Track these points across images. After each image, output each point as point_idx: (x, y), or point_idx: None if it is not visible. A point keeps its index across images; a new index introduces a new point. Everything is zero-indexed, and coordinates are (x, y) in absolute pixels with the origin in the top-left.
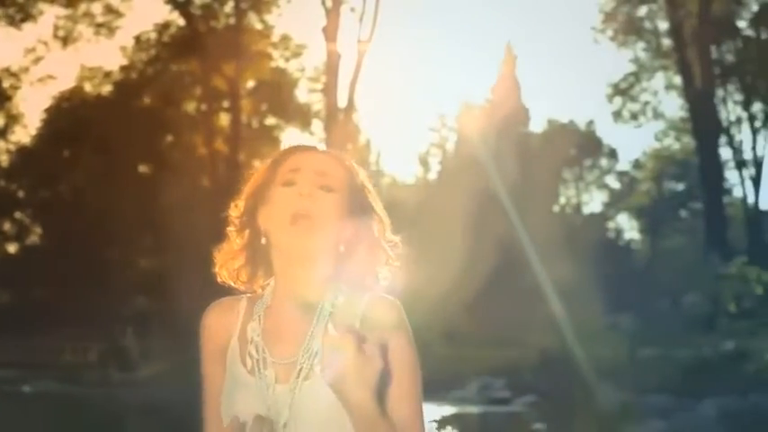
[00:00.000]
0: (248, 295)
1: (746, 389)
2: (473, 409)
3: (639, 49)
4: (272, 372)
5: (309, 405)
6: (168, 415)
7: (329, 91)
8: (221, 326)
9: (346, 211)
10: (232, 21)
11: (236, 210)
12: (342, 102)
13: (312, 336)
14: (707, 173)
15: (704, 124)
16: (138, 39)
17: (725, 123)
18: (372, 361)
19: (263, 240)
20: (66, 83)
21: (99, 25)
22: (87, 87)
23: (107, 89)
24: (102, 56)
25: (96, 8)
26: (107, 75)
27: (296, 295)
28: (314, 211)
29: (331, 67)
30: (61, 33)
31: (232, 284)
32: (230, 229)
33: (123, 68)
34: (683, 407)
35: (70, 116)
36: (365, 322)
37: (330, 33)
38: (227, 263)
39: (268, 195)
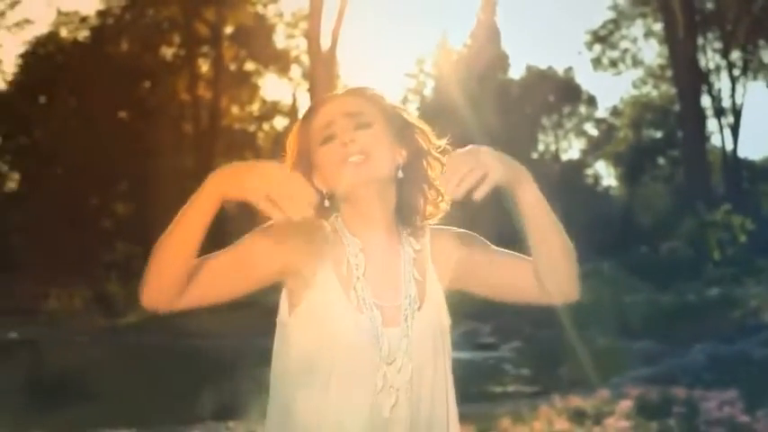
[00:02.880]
0: (325, 223)
1: (733, 335)
2: (460, 355)
3: None
4: (378, 313)
5: (420, 345)
6: (156, 361)
7: (312, 37)
8: (305, 238)
9: (390, 138)
10: None
11: None
12: (324, 47)
13: (406, 281)
14: (688, 121)
15: (685, 72)
16: None
17: (704, 71)
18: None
19: (327, 203)
20: (42, 28)
21: None
22: (63, 33)
23: (83, 34)
24: (79, 1)
25: None
26: (83, 20)
27: (375, 238)
28: (363, 151)
29: (314, 13)
30: None
31: None
32: None
33: (100, 13)
34: (670, 352)
35: (46, 62)
36: (434, 255)
37: None
38: None
39: (314, 160)
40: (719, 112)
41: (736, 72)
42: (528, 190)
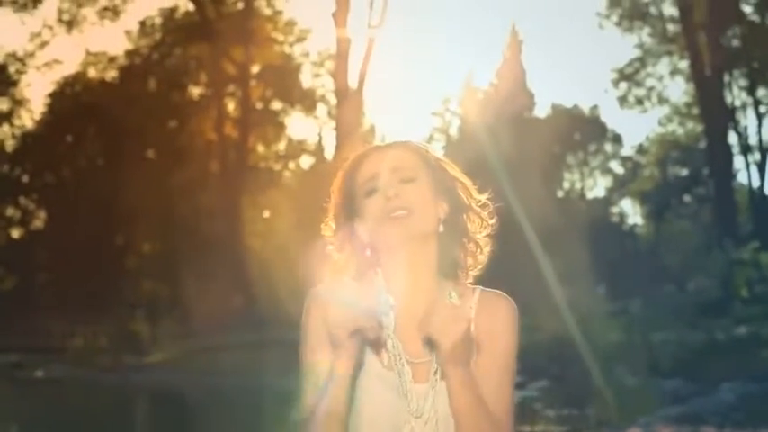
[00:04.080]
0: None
1: (762, 374)
2: None
3: (645, 34)
4: (408, 369)
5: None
6: (181, 398)
7: (339, 76)
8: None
9: (434, 193)
10: (240, 6)
11: (328, 230)
12: (350, 87)
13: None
14: (716, 158)
15: (713, 110)
16: (143, 23)
17: (730, 109)
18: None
19: (368, 252)
20: (71, 68)
21: (104, 9)
22: (91, 72)
23: (111, 74)
24: (107, 41)
25: None
26: (111, 60)
27: (413, 292)
28: (406, 206)
29: (341, 53)
30: (66, 17)
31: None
32: (330, 248)
33: (128, 53)
34: (699, 391)
35: (74, 101)
36: (478, 320)
37: (340, 19)
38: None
39: (357, 209)
40: (746, 150)
41: (763, 109)
42: (460, 377)
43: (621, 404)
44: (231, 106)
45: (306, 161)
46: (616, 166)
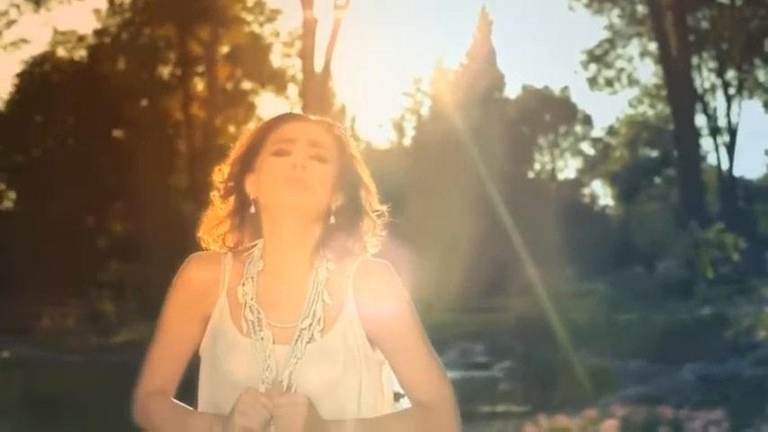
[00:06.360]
0: (232, 252)
1: (725, 355)
2: (453, 374)
3: (614, 15)
4: (269, 333)
5: (314, 369)
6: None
7: (306, 57)
8: (204, 280)
9: (338, 182)
10: None
11: (220, 175)
12: (318, 67)
13: (311, 301)
14: (683, 140)
15: (680, 91)
16: (111, 2)
17: (699, 91)
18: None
19: (252, 209)
20: (39, 47)
21: None
22: (60, 52)
23: (80, 54)
24: (75, 19)
25: None
26: (80, 39)
27: (288, 260)
28: (308, 180)
29: (307, 33)
30: None
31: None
32: (214, 194)
33: (96, 33)
34: (662, 372)
35: (42, 81)
36: (357, 287)
37: None
38: (213, 229)
39: (258, 163)
40: (715, 132)
41: (732, 91)
42: None
43: (585, 384)
44: (200, 87)
45: None
46: (587, 148)
